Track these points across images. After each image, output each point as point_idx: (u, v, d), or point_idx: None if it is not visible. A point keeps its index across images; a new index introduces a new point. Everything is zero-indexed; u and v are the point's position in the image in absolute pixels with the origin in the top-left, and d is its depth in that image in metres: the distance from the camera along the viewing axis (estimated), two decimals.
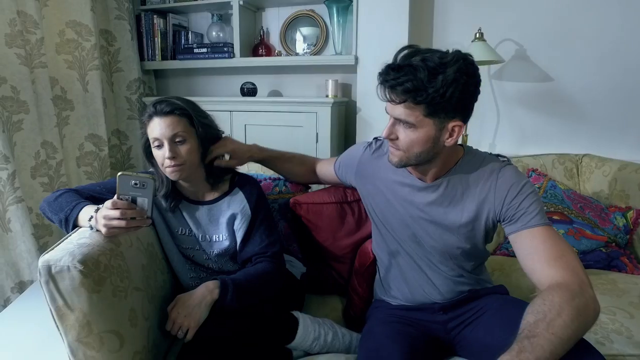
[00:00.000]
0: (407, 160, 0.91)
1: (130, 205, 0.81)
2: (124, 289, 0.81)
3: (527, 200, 0.87)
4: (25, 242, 1.62)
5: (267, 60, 2.14)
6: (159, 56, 2.28)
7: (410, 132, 0.86)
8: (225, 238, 1.08)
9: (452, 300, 1.01)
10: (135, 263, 0.89)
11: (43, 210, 0.95)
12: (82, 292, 0.73)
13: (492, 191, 0.91)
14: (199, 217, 1.08)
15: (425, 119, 0.84)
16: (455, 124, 0.85)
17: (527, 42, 1.97)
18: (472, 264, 1.02)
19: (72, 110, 1.95)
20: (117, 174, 0.79)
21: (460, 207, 0.95)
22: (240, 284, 0.95)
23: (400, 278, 1.08)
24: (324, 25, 2.17)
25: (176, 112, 0.98)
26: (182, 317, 0.87)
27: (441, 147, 0.88)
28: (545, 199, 1.53)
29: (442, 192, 0.96)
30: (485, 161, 0.95)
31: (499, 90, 2.07)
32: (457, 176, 0.95)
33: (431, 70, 0.79)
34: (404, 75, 0.80)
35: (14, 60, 1.60)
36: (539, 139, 2.04)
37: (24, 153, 1.68)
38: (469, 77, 0.81)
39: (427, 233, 0.99)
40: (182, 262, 1.10)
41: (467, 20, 2.02)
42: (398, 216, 1.03)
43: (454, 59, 0.80)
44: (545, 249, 0.82)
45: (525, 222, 0.86)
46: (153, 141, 0.99)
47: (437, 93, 0.79)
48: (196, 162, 1.02)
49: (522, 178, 0.91)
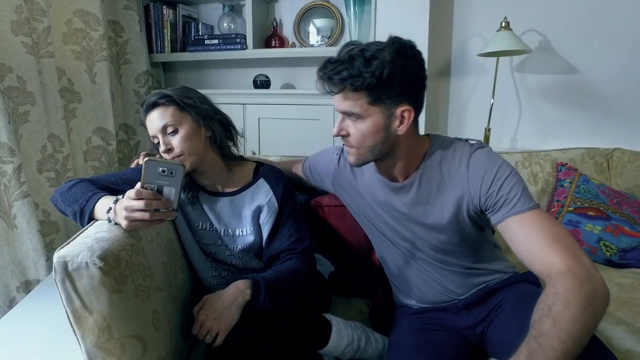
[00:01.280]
0: (363, 157, 0.87)
1: (155, 196, 0.71)
2: (147, 289, 0.73)
3: (506, 186, 0.81)
4: (32, 240, 1.54)
5: (282, 52, 2.07)
6: (168, 48, 2.21)
7: (359, 125, 0.83)
8: (249, 232, 1.00)
9: (471, 296, 0.95)
10: (156, 260, 0.81)
11: (55, 201, 0.87)
12: (102, 292, 0.65)
13: (465, 181, 0.85)
14: (220, 209, 1.01)
15: (370, 107, 0.80)
16: (403, 108, 0.81)
17: (552, 32, 1.90)
18: (475, 255, 0.95)
19: (80, 103, 1.87)
20: (144, 160, 0.70)
21: (440, 203, 0.89)
22: (272, 283, 0.87)
23: (408, 280, 1.02)
24: (340, 16, 2.09)
25: (161, 102, 0.92)
26: (211, 320, 0.79)
27: (395, 137, 0.84)
28: (578, 194, 1.46)
29: (416, 190, 0.90)
30: (455, 148, 0.89)
31: (521, 82, 2.00)
32: (428, 170, 0.89)
33: (368, 58, 0.77)
34: (341, 65, 0.79)
35: (20, 49, 1.53)
36: (563, 132, 1.96)
37: (30, 146, 1.60)
38: (407, 58, 0.78)
39: (415, 234, 0.94)
40: (202, 259, 1.02)
41: (489, 10, 1.95)
42: (383, 220, 0.98)
43: (390, 43, 0.78)
44: (538, 235, 0.75)
45: (508, 209, 0.80)
46: (153, 139, 0.94)
47: (373, 76, 0.76)
48: (199, 148, 0.95)
49: (495, 161, 0.84)
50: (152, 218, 0.71)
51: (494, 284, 0.95)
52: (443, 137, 0.93)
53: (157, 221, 0.73)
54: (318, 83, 0.84)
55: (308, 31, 2.16)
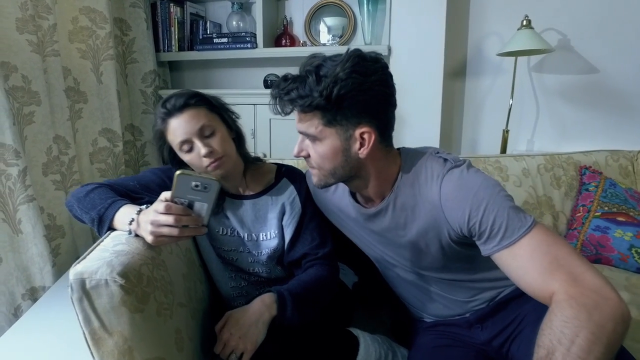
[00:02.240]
0: (325, 179, 0.80)
1: (186, 211, 0.66)
2: (169, 306, 0.68)
3: (488, 216, 0.70)
4: (37, 245, 1.49)
5: (293, 51, 2.01)
6: (176, 47, 2.15)
7: (316, 147, 0.76)
8: (273, 236, 0.95)
9: (482, 309, 0.89)
10: (176, 274, 0.76)
11: (70, 206, 0.81)
12: (123, 312, 0.60)
13: (439, 209, 0.76)
14: (243, 213, 0.96)
15: (325, 128, 0.74)
16: (362, 130, 0.73)
17: (571, 31, 1.84)
18: (473, 268, 0.87)
19: (86, 103, 1.82)
20: (176, 173, 0.64)
21: (417, 228, 0.81)
22: (298, 295, 0.82)
23: (412, 296, 0.97)
24: (352, 14, 2.04)
25: (191, 103, 0.86)
26: (236, 338, 0.73)
27: (356, 160, 0.76)
28: (605, 198, 1.40)
29: (390, 216, 0.83)
30: (426, 167, 0.79)
31: (539, 83, 1.95)
32: (402, 193, 0.81)
33: (320, 75, 0.70)
34: (293, 83, 0.72)
35: (25, 47, 1.47)
36: (583, 134, 1.91)
37: (35, 148, 1.55)
38: (364, 75, 0.70)
39: (402, 256, 0.88)
40: (221, 269, 0.97)
41: (506, 9, 1.90)
42: (369, 244, 0.93)
43: (346, 58, 0.70)
44: (534, 264, 0.66)
45: (495, 243, 0.70)
46: (180, 146, 0.86)
47: (321, 96, 0.69)
48: (233, 151, 0.91)
49: (470, 187, 0.73)
50: (181, 234, 0.65)
51: (505, 295, 0.89)
52: (414, 153, 0.85)
53: (185, 237, 0.67)
54: (271, 102, 0.77)
55: (319, 30, 2.11)
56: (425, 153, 0.82)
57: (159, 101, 2.14)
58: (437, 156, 0.80)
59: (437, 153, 0.81)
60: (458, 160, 0.78)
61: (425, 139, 1.82)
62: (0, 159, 1.38)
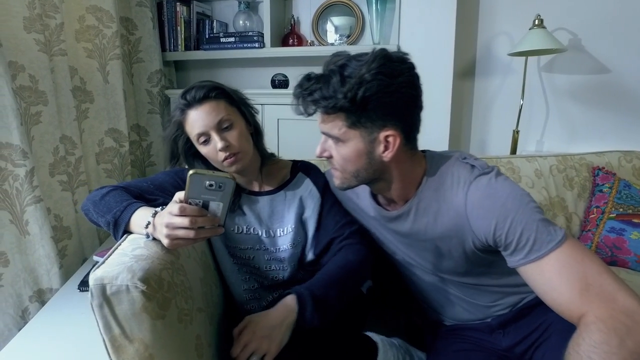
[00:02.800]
0: (347, 181, 0.79)
1: (201, 212, 0.64)
2: (189, 312, 0.66)
3: (515, 228, 0.68)
4: (44, 246, 1.47)
5: (301, 50, 1.99)
6: (182, 46, 2.14)
7: (339, 148, 0.74)
8: (290, 231, 0.94)
9: (505, 315, 0.87)
10: (194, 278, 0.74)
11: (86, 210, 0.79)
12: (144, 319, 0.58)
13: (464, 217, 0.74)
14: (261, 209, 0.95)
15: (349, 130, 0.72)
16: (387, 133, 0.71)
17: (582, 30, 1.83)
18: (497, 275, 0.84)
19: (92, 103, 1.80)
20: (189, 173, 0.62)
21: (440, 234, 0.79)
22: (319, 295, 0.78)
23: (432, 299, 0.95)
24: (360, 14, 2.02)
25: (211, 95, 0.85)
26: (259, 338, 0.71)
27: (379, 162, 0.75)
28: (620, 199, 1.39)
29: (413, 220, 0.81)
30: (453, 173, 0.77)
31: (549, 83, 1.93)
32: (425, 198, 0.79)
33: (345, 75, 0.68)
34: (316, 83, 0.69)
35: (33, 46, 1.45)
36: (593, 135, 1.90)
37: (42, 148, 1.53)
38: (391, 77, 0.68)
39: (424, 258, 0.87)
40: (235, 270, 0.95)
41: (516, 8, 1.88)
42: (390, 243, 0.92)
43: (371, 59, 0.68)
44: (562, 282, 0.63)
45: (522, 256, 0.68)
46: (198, 138, 0.86)
47: (345, 98, 0.67)
48: (251, 146, 0.90)
49: (499, 196, 0.70)
50: (197, 236, 0.64)
51: (529, 301, 0.86)
52: (439, 157, 0.82)
53: (201, 239, 0.66)
54: (293, 101, 0.75)
55: (326, 29, 2.09)
56: (452, 157, 0.80)
57: (164, 101, 2.14)
58: (464, 162, 0.78)
59: (464, 159, 0.79)
60: (486, 167, 0.76)
61: (434, 139, 1.80)
62: (8, 159, 1.36)
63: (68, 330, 1.10)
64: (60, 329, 1.11)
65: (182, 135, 0.89)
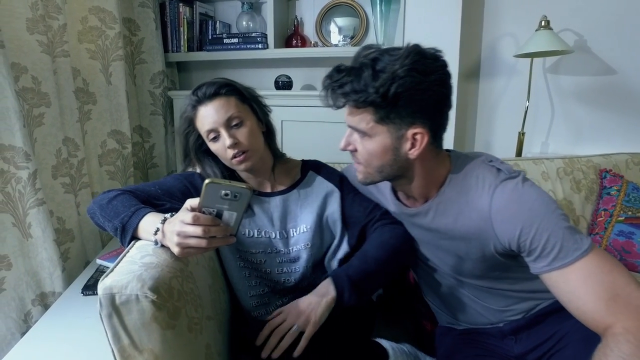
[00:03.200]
0: (371, 177, 0.78)
1: (214, 221, 0.63)
2: (199, 321, 0.65)
3: (541, 234, 0.67)
4: (47, 250, 1.46)
5: (305, 52, 1.98)
6: (185, 47, 2.12)
7: (365, 143, 0.74)
8: (305, 230, 0.93)
9: (518, 321, 0.86)
10: (203, 285, 0.73)
11: (92, 214, 0.78)
12: (154, 329, 0.57)
13: (488, 221, 0.72)
14: (273, 210, 0.93)
15: (377, 125, 0.71)
16: (415, 131, 0.70)
17: (588, 32, 1.81)
18: (513, 279, 0.83)
19: (95, 104, 1.79)
20: (205, 182, 0.60)
21: (459, 236, 0.78)
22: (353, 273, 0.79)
23: (445, 301, 0.94)
24: (364, 15, 2.01)
25: (222, 92, 0.85)
26: (294, 316, 0.71)
27: (405, 159, 0.74)
28: (629, 202, 1.37)
29: (432, 219, 0.81)
30: (478, 176, 0.76)
31: (554, 84, 1.92)
32: (447, 199, 0.78)
33: (377, 70, 0.66)
34: (347, 76, 0.69)
35: (36, 47, 1.44)
36: (598, 136, 1.88)
37: (44, 150, 1.52)
38: (424, 74, 0.67)
39: (439, 258, 0.86)
40: (242, 276, 0.93)
41: (521, 9, 1.87)
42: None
43: (405, 54, 0.66)
44: (588, 291, 0.62)
45: (546, 262, 0.67)
46: (207, 134, 0.86)
47: (377, 93, 0.66)
48: (261, 145, 0.89)
49: (525, 201, 0.69)
50: (208, 246, 0.62)
51: (542, 308, 0.85)
52: (464, 158, 0.81)
53: (212, 248, 0.64)
54: (322, 93, 0.75)
55: (329, 30, 2.08)
56: (477, 160, 0.79)
57: (167, 103, 2.13)
58: (489, 165, 0.77)
59: (490, 162, 0.78)
60: (512, 172, 0.74)
61: None
62: (11, 161, 1.35)
63: (72, 335, 1.09)
64: (64, 333, 1.10)
65: (193, 131, 0.89)
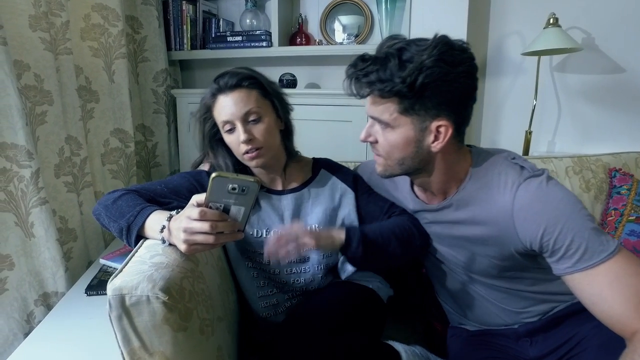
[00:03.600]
0: (390, 169, 0.76)
1: (221, 216, 0.61)
2: (211, 322, 0.63)
3: (565, 234, 0.65)
4: (50, 249, 1.44)
5: (310, 50, 1.96)
6: (188, 45, 2.11)
7: (387, 134, 0.72)
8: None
9: (534, 323, 0.84)
10: (213, 285, 0.71)
11: (98, 215, 0.76)
12: (166, 331, 0.55)
13: (509, 219, 0.71)
14: (285, 208, 0.92)
15: (400, 116, 0.69)
16: (439, 123, 0.69)
17: (596, 29, 1.80)
18: (531, 280, 0.81)
19: (97, 103, 1.77)
20: (212, 175, 0.58)
21: (478, 234, 0.76)
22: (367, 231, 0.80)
23: (459, 301, 0.92)
24: (369, 12, 1.99)
25: (244, 84, 0.83)
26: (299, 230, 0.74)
27: (427, 152, 0.72)
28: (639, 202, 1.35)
29: (450, 216, 0.79)
30: (500, 173, 0.74)
31: (561, 83, 1.90)
32: (467, 196, 0.77)
33: (404, 60, 0.65)
34: (373, 65, 0.67)
35: (38, 45, 1.42)
36: (606, 135, 1.87)
37: (47, 149, 1.50)
38: (451, 65, 0.65)
39: (455, 257, 0.84)
40: (251, 276, 0.92)
41: (528, 7, 1.85)
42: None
43: (433, 44, 0.65)
44: (614, 295, 0.61)
45: (570, 264, 0.65)
46: (223, 125, 0.84)
47: (404, 83, 0.64)
48: (277, 142, 0.87)
49: (549, 200, 0.68)
50: (216, 242, 0.60)
51: (559, 310, 0.83)
52: (486, 154, 0.79)
53: (219, 244, 0.62)
54: (345, 82, 0.73)
55: (333, 28, 2.06)
56: (499, 156, 0.77)
57: (170, 101, 2.11)
58: (512, 162, 0.75)
59: (513, 159, 0.76)
60: (536, 170, 0.72)
61: None
62: (13, 160, 1.33)
63: (76, 336, 1.07)
64: (68, 334, 1.08)
65: (209, 118, 0.87)
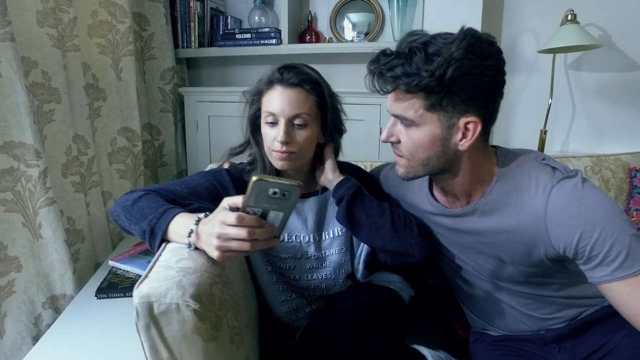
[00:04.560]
0: (414, 170, 0.73)
1: (259, 222, 0.57)
2: (240, 330, 0.60)
3: (604, 240, 0.62)
4: (58, 251, 1.40)
5: (320, 47, 1.92)
6: (195, 43, 2.07)
7: (411, 132, 0.69)
8: (338, 234, 0.89)
9: (562, 328, 0.80)
10: (239, 291, 0.68)
11: (116, 216, 0.72)
12: (196, 341, 0.52)
13: (542, 223, 0.67)
14: (308, 212, 0.89)
15: (427, 113, 0.66)
16: (468, 119, 0.66)
17: (612, 26, 1.77)
18: (559, 285, 0.78)
19: (105, 101, 1.73)
20: (252, 178, 0.54)
21: (505, 240, 0.73)
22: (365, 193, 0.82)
23: (482, 307, 0.89)
24: (380, 10, 1.96)
25: (306, 87, 0.80)
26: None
27: (453, 152, 0.69)
28: None
29: (475, 221, 0.75)
30: (531, 174, 0.70)
31: (575, 81, 1.87)
32: (493, 199, 0.73)
33: (430, 53, 0.62)
34: (397, 59, 0.64)
35: (46, 41, 1.39)
36: (622, 135, 1.84)
37: (54, 148, 1.46)
38: (481, 58, 0.62)
39: (479, 263, 0.80)
40: (272, 281, 0.89)
41: (542, 4, 1.83)
42: (445, 246, 0.86)
43: (461, 36, 0.62)
44: None
45: (609, 271, 0.62)
46: (266, 115, 0.81)
47: (432, 77, 0.61)
48: (310, 154, 0.84)
49: (587, 203, 0.64)
50: (252, 249, 0.57)
51: (588, 315, 0.80)
52: (513, 155, 0.75)
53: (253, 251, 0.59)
54: (367, 78, 0.70)
55: (343, 26, 2.03)
56: (526, 156, 0.73)
57: (177, 99, 2.07)
58: (543, 163, 0.71)
59: (543, 159, 0.72)
60: (570, 171, 0.69)
61: None
62: (21, 159, 1.30)
63: (88, 340, 1.04)
64: (79, 339, 1.05)
65: (257, 102, 0.85)
